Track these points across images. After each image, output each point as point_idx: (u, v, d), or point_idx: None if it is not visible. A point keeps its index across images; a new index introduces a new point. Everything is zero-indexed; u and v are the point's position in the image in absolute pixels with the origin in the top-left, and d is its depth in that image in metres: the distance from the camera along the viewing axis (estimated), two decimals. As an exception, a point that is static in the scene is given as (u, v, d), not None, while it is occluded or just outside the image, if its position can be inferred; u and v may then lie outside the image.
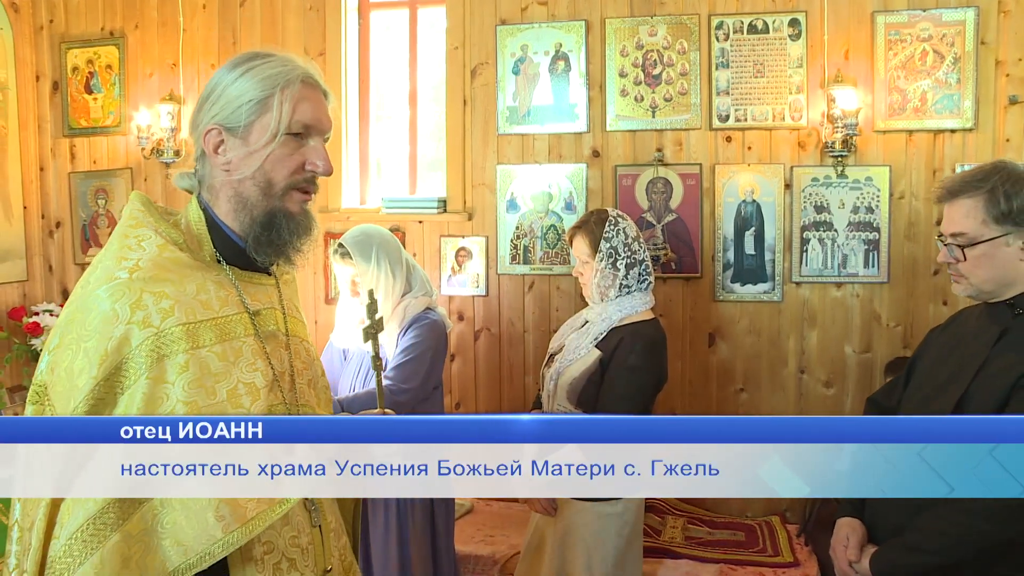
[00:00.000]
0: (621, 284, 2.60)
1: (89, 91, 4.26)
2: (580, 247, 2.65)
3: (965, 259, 1.91)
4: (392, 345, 2.80)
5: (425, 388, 2.79)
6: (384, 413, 1.56)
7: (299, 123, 1.38)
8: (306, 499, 1.39)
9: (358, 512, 1.65)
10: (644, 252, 2.64)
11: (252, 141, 1.37)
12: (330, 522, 1.47)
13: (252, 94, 1.36)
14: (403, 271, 2.83)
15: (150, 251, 1.33)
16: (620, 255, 2.59)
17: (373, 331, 1.53)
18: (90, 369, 1.23)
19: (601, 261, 2.59)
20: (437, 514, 2.88)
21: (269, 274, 1.49)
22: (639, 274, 2.62)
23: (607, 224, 2.61)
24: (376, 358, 1.51)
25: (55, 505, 1.22)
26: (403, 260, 2.85)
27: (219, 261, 1.41)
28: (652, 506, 3.56)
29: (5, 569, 1.30)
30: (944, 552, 1.81)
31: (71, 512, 1.20)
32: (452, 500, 3.00)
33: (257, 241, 1.40)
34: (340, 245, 2.80)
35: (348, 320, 2.94)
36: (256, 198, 1.39)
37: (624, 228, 2.62)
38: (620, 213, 2.67)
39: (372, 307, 1.53)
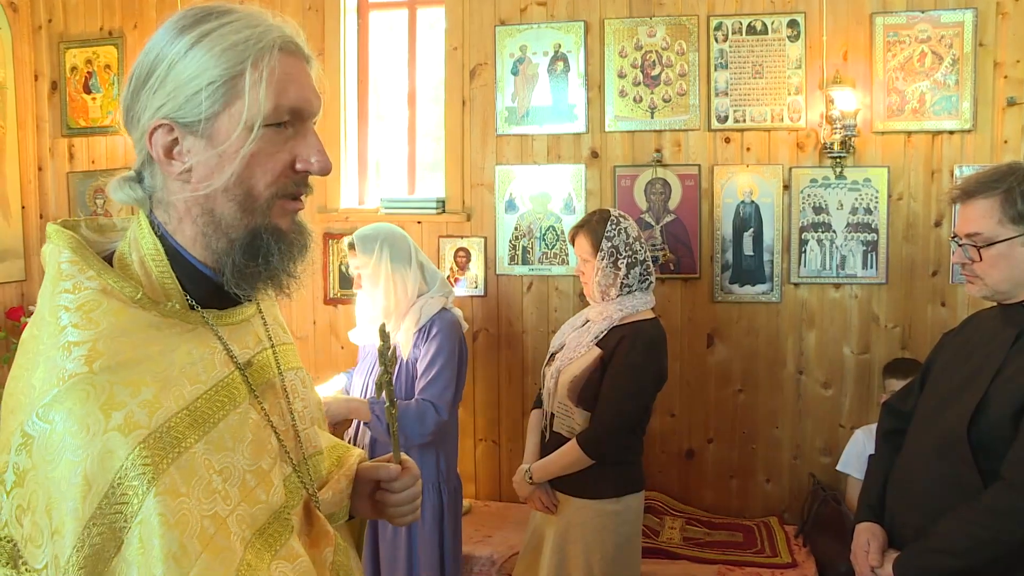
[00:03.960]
0: (622, 283, 2.61)
1: (88, 91, 4.26)
2: (582, 246, 2.66)
3: (981, 259, 1.91)
4: (408, 343, 2.83)
5: (459, 393, 2.88)
6: (403, 465, 1.32)
7: (284, 109, 1.03)
8: None
9: (362, 540, 1.45)
10: (645, 252, 2.65)
11: (220, 140, 1.01)
12: None
13: (213, 73, 1.00)
14: (414, 270, 2.87)
15: (105, 324, 0.97)
16: (621, 254, 2.60)
17: (387, 378, 1.30)
18: (71, 508, 0.89)
19: (602, 260, 2.61)
20: (447, 517, 2.89)
21: (250, 299, 1.15)
22: (640, 274, 2.63)
23: (609, 223, 2.62)
24: (391, 406, 1.31)
25: None
26: (413, 259, 2.89)
27: (192, 307, 1.07)
28: (650, 507, 3.56)
29: None
30: (971, 554, 1.79)
31: None
32: (460, 502, 3.01)
33: (239, 273, 1.06)
34: (352, 238, 2.92)
35: (360, 316, 2.99)
36: (233, 216, 1.04)
37: (626, 228, 2.63)
38: (622, 213, 2.68)
39: (383, 349, 1.29)
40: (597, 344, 2.59)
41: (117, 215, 1.19)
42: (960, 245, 1.97)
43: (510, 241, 3.84)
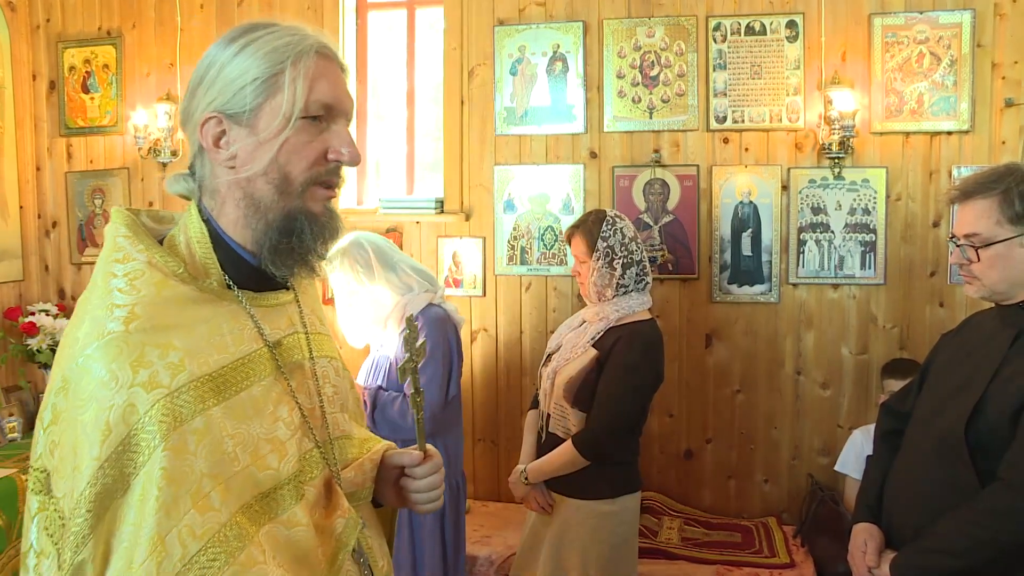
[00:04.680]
0: (618, 284, 2.60)
1: (86, 90, 4.26)
2: (578, 246, 2.66)
3: (979, 260, 1.91)
4: (393, 345, 2.82)
5: (451, 387, 2.86)
6: (427, 453, 1.38)
7: (317, 103, 1.16)
8: (355, 551, 1.26)
9: (393, 530, 1.53)
10: (641, 253, 2.64)
11: (261, 128, 1.14)
12: (382, 567, 1.34)
13: (257, 71, 1.14)
14: (380, 277, 2.83)
15: (146, 292, 1.09)
16: (617, 255, 2.59)
17: (412, 365, 1.35)
18: (90, 448, 1.01)
19: (598, 260, 2.60)
20: (447, 515, 2.89)
21: (287, 288, 1.28)
22: (636, 274, 2.62)
23: (604, 224, 2.61)
24: (416, 393, 1.35)
25: None
26: (375, 266, 2.83)
27: (229, 286, 1.18)
28: (648, 507, 3.56)
29: None
30: (968, 554, 1.78)
31: None
32: (462, 500, 3.01)
33: (275, 250, 1.17)
34: None
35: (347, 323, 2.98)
36: (271, 198, 1.16)
37: (621, 228, 2.62)
38: (618, 213, 2.68)
39: (410, 339, 1.34)
40: (593, 345, 2.59)
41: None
42: (958, 246, 1.97)
43: (508, 241, 3.84)
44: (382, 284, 2.82)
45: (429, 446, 1.40)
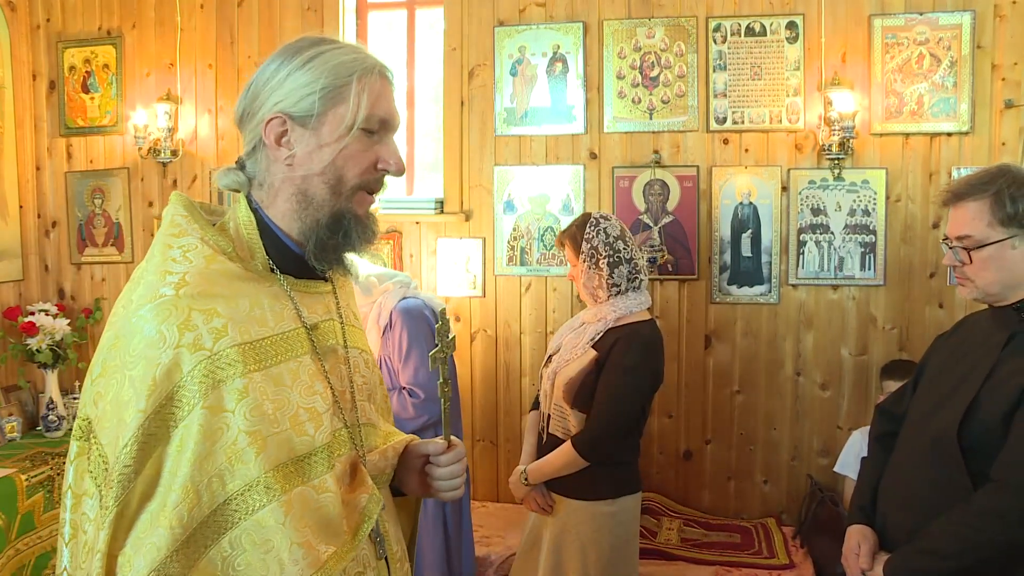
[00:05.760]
0: (609, 284, 2.59)
1: (86, 90, 4.25)
2: (568, 251, 2.68)
3: (971, 262, 1.91)
4: (376, 344, 2.86)
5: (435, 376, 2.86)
6: (449, 442, 1.44)
7: (376, 118, 1.26)
8: (372, 531, 1.30)
9: (415, 531, 1.58)
10: (631, 251, 2.63)
11: (323, 133, 1.24)
12: (396, 552, 1.39)
13: (326, 81, 1.23)
14: (360, 299, 2.87)
15: (197, 263, 1.19)
16: (601, 255, 2.59)
17: (442, 355, 1.40)
18: (137, 401, 1.10)
19: (584, 262, 2.61)
20: (448, 507, 2.90)
21: (326, 280, 1.37)
22: (628, 273, 2.60)
23: (588, 226, 2.62)
24: (444, 383, 1.40)
25: (112, 557, 1.11)
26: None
27: (272, 270, 1.28)
28: (648, 508, 3.56)
29: None
30: (961, 555, 1.78)
31: (132, 564, 1.09)
32: (465, 495, 3.02)
33: (321, 245, 1.26)
34: None
35: None
36: (323, 197, 1.25)
37: (605, 228, 2.62)
38: (604, 215, 2.67)
39: (441, 330, 1.40)
40: (592, 346, 2.59)
41: (115, 214, 1.27)
42: (951, 247, 1.97)
43: (508, 242, 3.84)
44: (362, 307, 2.87)
45: (453, 436, 1.45)
